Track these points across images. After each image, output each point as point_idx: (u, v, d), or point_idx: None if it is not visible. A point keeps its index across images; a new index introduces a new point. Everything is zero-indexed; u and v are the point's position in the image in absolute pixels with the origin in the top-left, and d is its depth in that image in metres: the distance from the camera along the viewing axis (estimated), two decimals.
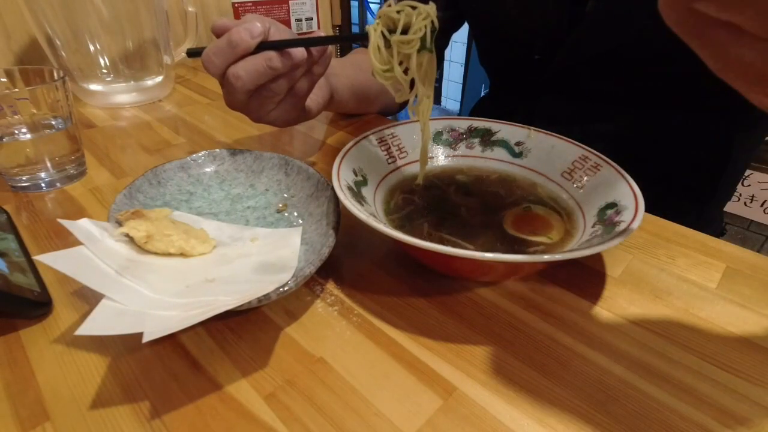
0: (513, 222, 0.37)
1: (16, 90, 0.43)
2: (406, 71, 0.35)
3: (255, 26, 0.36)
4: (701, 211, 0.57)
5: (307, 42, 0.37)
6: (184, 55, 0.77)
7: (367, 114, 0.64)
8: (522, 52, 0.57)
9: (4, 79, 0.44)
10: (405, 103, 0.71)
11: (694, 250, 0.37)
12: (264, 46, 0.36)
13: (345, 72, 0.55)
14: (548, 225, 0.36)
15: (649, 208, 0.33)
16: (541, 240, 0.34)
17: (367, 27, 0.34)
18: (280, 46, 0.36)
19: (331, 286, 0.33)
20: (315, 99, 0.46)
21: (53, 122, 0.44)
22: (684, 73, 0.47)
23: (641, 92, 0.51)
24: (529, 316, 0.31)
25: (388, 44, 0.34)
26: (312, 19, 1.04)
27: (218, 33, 0.38)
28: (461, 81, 2.61)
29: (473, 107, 0.74)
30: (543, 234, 0.35)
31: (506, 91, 0.67)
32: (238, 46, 0.36)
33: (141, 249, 0.31)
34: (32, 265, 0.33)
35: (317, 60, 0.39)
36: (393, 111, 0.70)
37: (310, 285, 0.33)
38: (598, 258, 0.36)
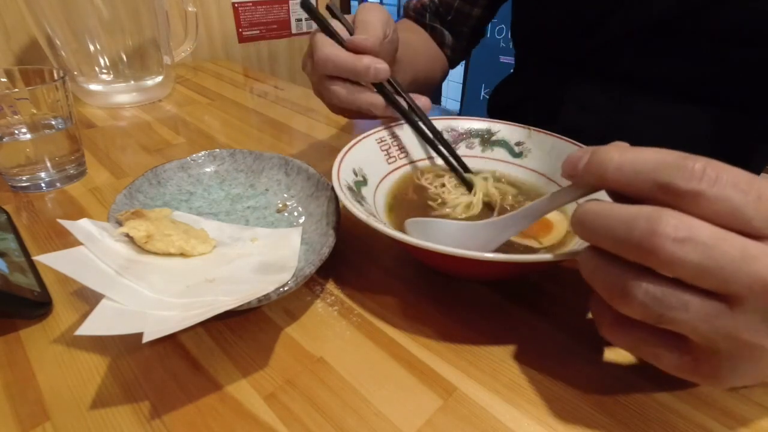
0: None
1: (16, 90, 0.43)
2: None
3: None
4: None
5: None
6: (184, 54, 0.77)
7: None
8: (569, 18, 0.53)
9: (4, 79, 0.44)
10: (445, 75, 0.71)
11: None
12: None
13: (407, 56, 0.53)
14: (548, 225, 0.36)
15: None
16: (541, 241, 0.34)
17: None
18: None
19: (331, 286, 0.33)
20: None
21: (53, 122, 0.44)
22: (745, 57, 0.43)
23: (682, 79, 0.48)
24: (529, 316, 0.31)
25: None
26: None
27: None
28: (461, 81, 2.61)
29: (494, 90, 0.70)
30: (544, 234, 0.35)
31: (534, 71, 0.63)
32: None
33: (141, 249, 0.31)
34: (32, 265, 0.33)
35: None
36: (435, 82, 0.70)
37: (310, 285, 0.33)
38: None
